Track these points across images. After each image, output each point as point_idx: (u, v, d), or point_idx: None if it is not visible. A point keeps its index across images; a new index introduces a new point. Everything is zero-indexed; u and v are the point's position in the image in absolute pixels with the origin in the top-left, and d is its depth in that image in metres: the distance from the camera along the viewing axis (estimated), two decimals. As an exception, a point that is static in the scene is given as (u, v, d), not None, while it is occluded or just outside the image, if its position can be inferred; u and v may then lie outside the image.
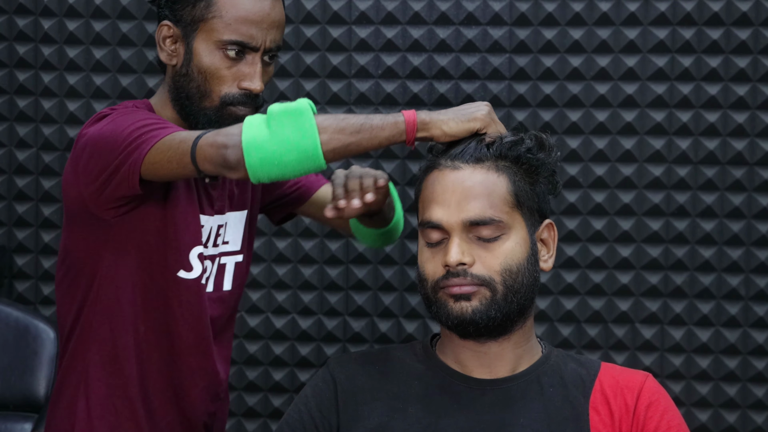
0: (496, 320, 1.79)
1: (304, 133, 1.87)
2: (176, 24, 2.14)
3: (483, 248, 1.79)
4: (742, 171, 3.20)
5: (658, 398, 1.82)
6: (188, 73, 2.13)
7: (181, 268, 2.16)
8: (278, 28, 2.13)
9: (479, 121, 1.88)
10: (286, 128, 1.87)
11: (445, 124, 1.88)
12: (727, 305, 3.21)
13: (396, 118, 1.88)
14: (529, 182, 1.84)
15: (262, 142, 1.87)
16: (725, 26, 3.18)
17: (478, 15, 3.24)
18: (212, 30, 2.10)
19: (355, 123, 1.88)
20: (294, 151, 1.87)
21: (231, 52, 2.09)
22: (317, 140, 1.87)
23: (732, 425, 3.21)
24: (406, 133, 1.88)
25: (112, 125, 2.05)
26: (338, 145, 1.88)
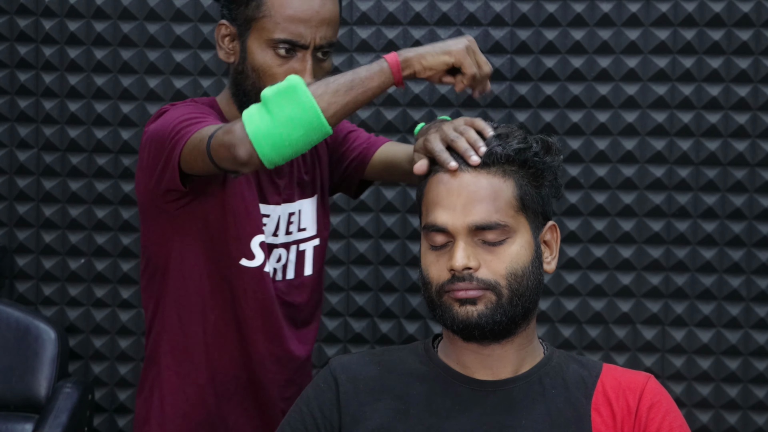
0: (501, 324, 1.78)
1: (303, 107, 1.91)
2: (232, 23, 2.20)
3: (488, 252, 1.78)
4: (744, 172, 3.20)
5: (660, 399, 1.82)
6: (244, 71, 2.19)
7: (243, 257, 2.22)
8: (329, 25, 2.17)
9: (453, 55, 1.97)
10: (285, 107, 1.91)
11: (423, 58, 1.98)
12: (728, 306, 3.21)
13: (381, 65, 1.98)
14: (534, 186, 1.83)
15: (268, 128, 1.91)
16: (726, 27, 3.18)
17: (480, 16, 3.24)
18: (263, 29, 2.15)
19: (345, 82, 1.95)
20: (300, 126, 1.92)
21: (281, 50, 2.15)
22: (318, 110, 1.92)
23: (733, 426, 3.21)
24: (393, 75, 1.97)
25: (162, 121, 2.13)
26: (338, 108, 1.94)
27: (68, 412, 3.00)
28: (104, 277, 3.30)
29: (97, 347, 3.31)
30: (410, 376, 1.86)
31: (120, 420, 3.32)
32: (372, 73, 1.97)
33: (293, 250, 2.32)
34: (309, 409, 1.86)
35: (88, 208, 3.29)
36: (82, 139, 3.28)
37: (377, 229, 3.26)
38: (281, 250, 2.29)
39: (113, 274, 3.30)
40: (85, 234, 3.30)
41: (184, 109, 2.15)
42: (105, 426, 3.32)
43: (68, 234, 3.30)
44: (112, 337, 3.31)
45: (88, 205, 3.29)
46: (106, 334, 3.31)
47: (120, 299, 3.30)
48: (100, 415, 3.32)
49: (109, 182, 3.28)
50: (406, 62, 1.98)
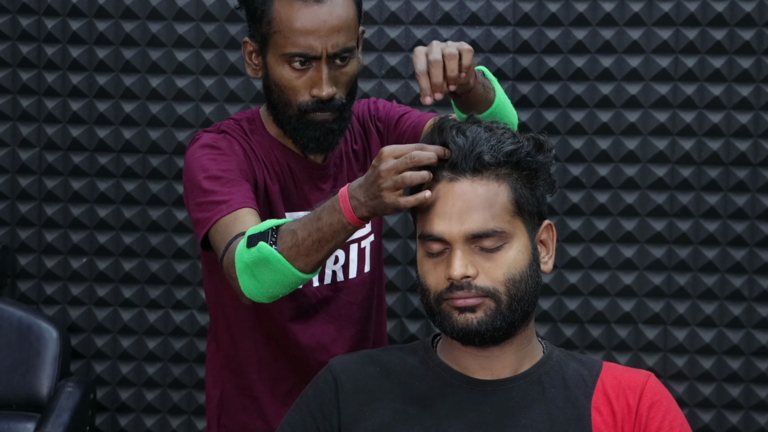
0: (501, 330, 1.78)
1: (282, 273, 1.96)
2: (253, 39, 2.24)
3: (486, 259, 1.78)
4: (746, 172, 3.19)
5: (660, 398, 1.81)
6: (269, 86, 2.23)
7: None
8: (340, 32, 2.16)
9: (390, 206, 1.87)
10: (267, 275, 1.97)
11: (373, 209, 1.90)
12: (730, 306, 3.21)
13: (342, 222, 1.93)
14: (529, 187, 1.82)
15: (258, 290, 2.00)
16: (729, 27, 3.18)
17: (482, 15, 3.24)
18: (276, 45, 2.18)
19: (314, 242, 1.94)
20: (283, 286, 1.99)
21: (296, 63, 2.17)
22: (296, 272, 1.96)
23: (735, 426, 3.20)
24: (344, 215, 1.92)
25: (190, 166, 2.20)
26: (315, 263, 1.97)
27: (70, 411, 3.00)
28: (106, 276, 3.30)
29: (99, 346, 3.31)
30: (410, 375, 1.86)
31: (122, 419, 3.32)
32: (335, 229, 1.93)
33: (354, 249, 2.35)
34: (309, 409, 1.86)
35: (89, 208, 3.29)
36: (84, 138, 3.28)
37: (379, 229, 3.26)
38: (338, 252, 2.32)
39: (115, 273, 3.30)
40: (86, 233, 3.30)
41: (210, 164, 2.17)
42: (107, 425, 3.32)
43: (70, 233, 3.30)
44: (113, 336, 3.31)
45: (89, 205, 3.29)
46: (107, 334, 3.31)
47: (122, 298, 3.30)
48: (101, 414, 3.32)
49: (110, 181, 3.28)
50: (363, 218, 1.92)
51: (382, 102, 2.47)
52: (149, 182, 3.28)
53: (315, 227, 1.94)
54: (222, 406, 2.38)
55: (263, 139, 2.28)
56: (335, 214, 1.92)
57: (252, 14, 2.22)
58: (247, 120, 2.31)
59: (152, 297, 3.30)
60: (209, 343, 2.42)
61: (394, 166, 1.83)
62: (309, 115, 2.19)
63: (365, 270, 2.37)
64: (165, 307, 3.30)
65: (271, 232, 1.96)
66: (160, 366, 3.31)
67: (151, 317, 3.30)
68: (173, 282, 3.29)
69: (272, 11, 2.17)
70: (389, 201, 1.85)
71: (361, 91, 3.21)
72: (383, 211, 1.88)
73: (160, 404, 3.31)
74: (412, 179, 1.81)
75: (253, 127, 2.30)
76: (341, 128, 2.24)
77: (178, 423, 3.30)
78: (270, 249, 1.94)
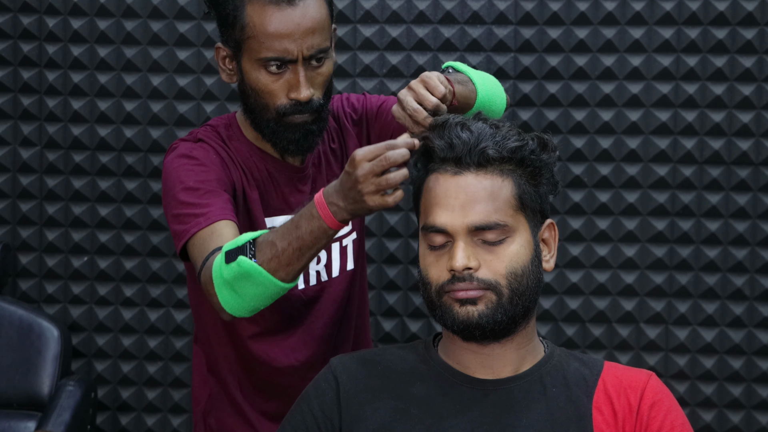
0: (501, 324, 1.78)
1: (264, 285, 1.96)
2: (225, 45, 2.23)
3: (488, 252, 1.78)
4: (748, 171, 3.19)
5: (661, 398, 1.81)
6: (245, 91, 2.22)
7: None
8: (314, 33, 2.15)
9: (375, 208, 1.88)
10: (249, 289, 1.96)
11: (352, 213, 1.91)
12: (732, 305, 3.21)
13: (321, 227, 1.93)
14: (532, 184, 1.83)
15: (239, 305, 1.99)
16: (731, 26, 3.17)
17: (483, 14, 3.24)
18: (251, 50, 2.17)
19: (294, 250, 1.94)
20: (265, 298, 1.99)
21: (272, 67, 2.16)
22: (277, 283, 1.96)
23: (737, 425, 3.20)
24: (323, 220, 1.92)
25: (167, 177, 2.20)
26: (295, 272, 1.97)
27: (71, 410, 3.00)
28: (107, 275, 3.30)
29: (100, 345, 3.31)
30: (411, 375, 1.85)
31: (123, 418, 3.32)
32: (316, 235, 1.93)
33: (335, 248, 2.34)
34: (310, 408, 1.86)
35: (91, 206, 3.29)
36: (85, 136, 3.28)
37: (380, 227, 3.26)
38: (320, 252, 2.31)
39: (116, 272, 3.30)
40: (88, 232, 3.30)
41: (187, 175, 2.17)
42: (108, 424, 3.32)
43: (71, 232, 3.30)
44: (115, 335, 3.31)
45: (91, 203, 3.29)
46: (109, 332, 3.31)
47: (123, 297, 3.30)
48: (102, 413, 3.31)
49: (112, 180, 3.28)
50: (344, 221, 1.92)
51: (354, 96, 2.46)
52: (150, 181, 3.27)
53: (294, 236, 1.94)
54: (209, 409, 2.38)
55: (241, 145, 2.28)
56: (314, 221, 1.92)
57: (223, 20, 2.21)
58: (224, 126, 2.30)
59: (153, 296, 3.29)
60: (194, 345, 2.43)
61: (371, 170, 1.84)
62: (287, 117, 2.19)
63: (348, 268, 2.37)
64: (166, 305, 3.30)
65: (249, 245, 1.96)
66: (161, 365, 3.31)
67: (152, 316, 3.30)
68: (174, 281, 3.29)
69: (245, 16, 2.15)
70: (374, 203, 1.86)
71: (361, 90, 3.21)
72: (366, 213, 1.90)
73: (161, 403, 3.31)
74: (395, 180, 1.83)
75: (231, 133, 2.29)
76: (320, 129, 2.24)
77: (179, 422, 3.30)
78: (250, 263, 1.94)
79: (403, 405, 1.82)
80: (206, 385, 2.39)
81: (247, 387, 2.34)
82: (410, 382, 1.85)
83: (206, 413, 2.38)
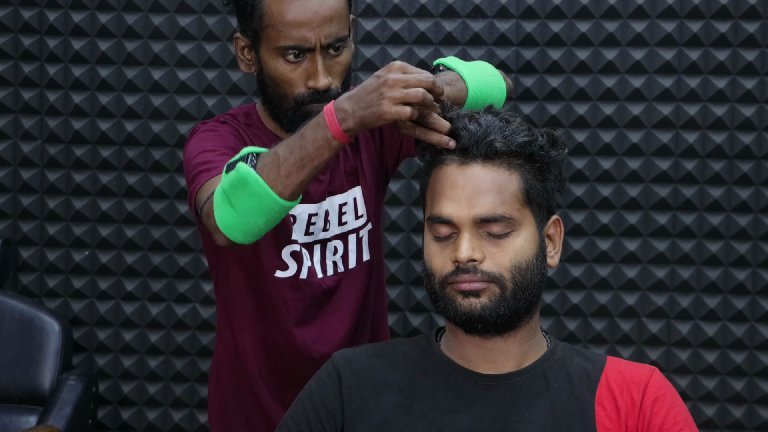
0: (504, 317, 1.78)
1: (260, 197, 1.92)
2: (244, 35, 2.24)
3: (493, 244, 1.78)
4: (750, 165, 3.19)
5: (664, 393, 1.81)
6: (264, 80, 2.23)
7: (276, 269, 2.26)
8: (332, 21, 2.16)
9: (386, 114, 1.85)
10: (244, 200, 1.93)
11: (363, 119, 1.87)
12: (734, 300, 3.21)
13: (326, 136, 1.90)
14: (540, 180, 1.82)
15: (233, 220, 1.95)
16: (733, 19, 3.17)
17: (485, 8, 3.23)
18: (269, 38, 2.17)
19: (295, 161, 1.91)
20: (261, 214, 1.94)
21: (290, 56, 2.16)
22: (274, 196, 1.92)
23: (738, 420, 3.20)
24: (340, 141, 1.89)
25: (188, 150, 2.20)
26: (293, 187, 1.93)
27: (72, 405, 3.00)
28: (108, 269, 3.30)
29: (101, 339, 3.31)
30: (413, 370, 1.85)
31: (124, 412, 3.32)
32: (319, 145, 1.90)
33: (352, 240, 2.34)
34: (312, 403, 1.85)
35: (92, 200, 3.29)
36: (86, 130, 3.27)
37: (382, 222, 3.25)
38: (336, 242, 2.32)
39: (117, 266, 3.30)
40: (89, 226, 3.29)
41: (206, 142, 2.18)
42: (109, 418, 3.32)
43: (72, 226, 3.30)
44: (116, 329, 3.31)
45: (92, 197, 3.28)
46: (110, 327, 3.31)
47: (124, 291, 3.30)
48: (104, 407, 3.31)
49: (113, 174, 3.28)
50: (349, 130, 1.89)
51: None
52: (151, 175, 3.27)
53: (297, 145, 1.91)
54: (223, 401, 2.39)
55: (261, 133, 2.28)
56: (319, 129, 1.90)
57: (242, 9, 2.21)
58: (244, 114, 2.32)
59: (154, 290, 3.29)
60: (216, 338, 2.43)
61: (404, 79, 1.83)
62: (306, 106, 2.18)
63: (364, 259, 2.37)
64: (167, 300, 3.30)
65: (251, 156, 1.94)
66: (163, 359, 3.31)
67: (154, 310, 3.30)
68: (175, 275, 3.29)
69: (263, 5, 2.16)
70: (390, 110, 1.83)
71: (363, 84, 3.21)
72: (372, 122, 1.86)
73: (163, 397, 3.31)
74: (424, 97, 1.82)
75: (250, 121, 2.30)
76: None
77: (181, 416, 3.30)
78: (248, 168, 1.91)
79: (406, 400, 1.81)
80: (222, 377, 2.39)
81: (266, 376, 2.34)
82: (413, 376, 1.84)
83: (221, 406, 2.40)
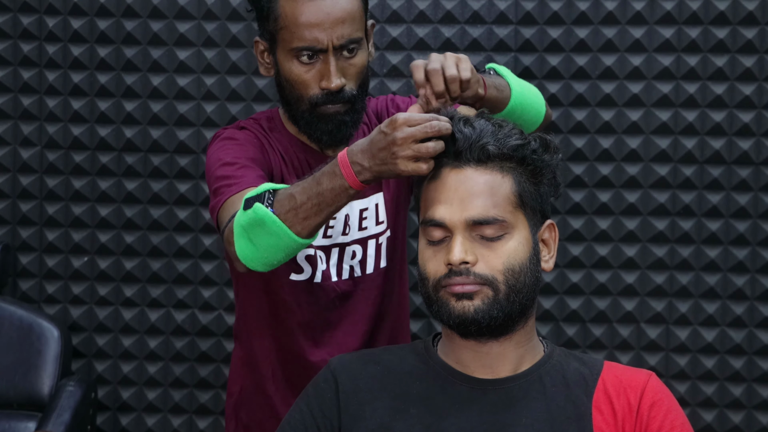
0: (497, 320, 1.78)
1: (278, 236, 1.95)
2: (263, 38, 2.26)
3: (486, 247, 1.78)
4: (748, 171, 3.19)
5: (661, 397, 1.81)
6: (281, 83, 2.25)
7: (291, 272, 2.27)
8: (344, 23, 2.18)
9: (404, 173, 1.86)
10: (263, 238, 1.96)
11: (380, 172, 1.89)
12: (732, 305, 3.21)
13: (343, 185, 1.92)
14: (533, 183, 1.83)
15: (253, 254, 1.99)
16: (731, 25, 3.17)
17: (484, 14, 3.23)
18: (284, 40, 2.20)
19: (312, 206, 1.94)
20: (280, 251, 1.98)
21: (304, 57, 2.19)
22: (292, 236, 1.95)
23: (737, 425, 3.20)
24: (345, 179, 1.91)
25: (209, 161, 2.22)
26: (311, 229, 1.96)
27: (71, 410, 3.00)
28: (107, 275, 3.30)
29: (100, 345, 3.31)
30: (410, 375, 1.85)
31: (123, 418, 3.32)
32: (337, 193, 1.93)
33: (371, 245, 2.35)
34: (309, 408, 1.85)
35: (91, 206, 3.29)
36: (85, 136, 3.28)
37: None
38: (355, 247, 2.33)
39: (116, 272, 3.30)
40: (88, 232, 3.30)
41: (226, 152, 2.20)
42: (108, 424, 3.32)
43: (71, 232, 3.30)
44: (115, 335, 3.31)
45: (91, 203, 3.29)
46: (109, 332, 3.31)
47: (123, 297, 3.30)
48: (103, 413, 3.31)
49: (112, 180, 3.28)
50: (366, 181, 1.91)
51: (400, 98, 2.48)
52: (150, 181, 3.27)
53: (315, 192, 1.93)
54: (241, 402, 2.40)
55: (282, 137, 2.30)
56: (336, 179, 1.92)
57: (260, 13, 2.24)
58: (267, 119, 2.34)
59: (153, 296, 3.29)
60: (234, 340, 2.45)
61: (412, 134, 1.84)
62: (320, 108, 2.20)
63: (381, 266, 2.37)
64: (166, 306, 3.30)
65: (268, 194, 1.96)
66: (162, 365, 3.31)
67: (153, 316, 3.30)
68: (174, 281, 3.29)
69: (278, 8, 2.19)
70: (407, 168, 1.84)
71: (362, 90, 3.21)
72: (389, 176, 1.89)
73: (162, 403, 3.31)
74: (434, 149, 1.82)
75: (273, 125, 2.32)
76: (354, 120, 2.25)
77: (180, 422, 3.30)
78: (265, 210, 1.94)
79: (402, 404, 1.82)
80: (239, 378, 2.40)
81: (279, 380, 2.35)
82: (409, 381, 1.84)
83: (238, 406, 2.41)
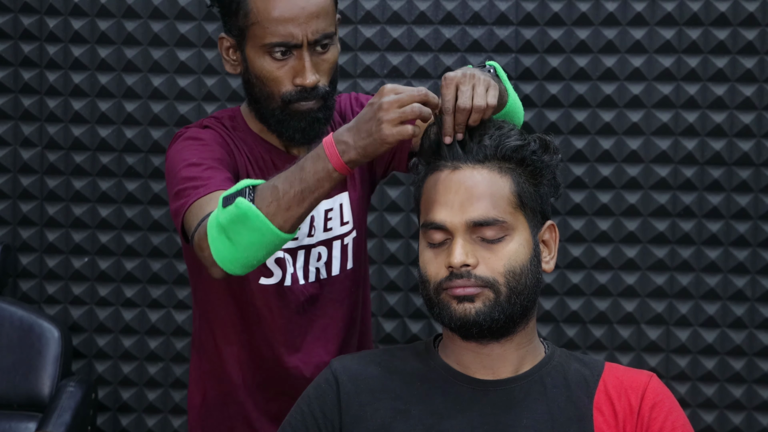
0: (499, 322, 1.78)
1: (260, 231, 1.90)
2: (229, 34, 2.21)
3: (486, 249, 1.78)
4: (749, 172, 3.19)
5: (662, 399, 1.81)
6: (249, 80, 2.20)
7: (261, 276, 2.23)
8: (318, 17, 2.14)
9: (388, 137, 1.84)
10: (244, 235, 1.90)
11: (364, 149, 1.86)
12: (733, 306, 3.21)
13: (326, 168, 1.88)
14: (533, 184, 1.83)
15: (232, 255, 1.92)
16: (732, 26, 3.17)
17: (484, 15, 3.23)
18: (255, 36, 2.15)
19: (295, 194, 1.89)
20: (261, 248, 1.92)
21: (277, 53, 2.14)
22: (275, 230, 1.90)
23: (738, 426, 3.20)
24: (329, 160, 1.88)
25: (171, 160, 2.15)
26: (294, 220, 1.91)
27: (71, 411, 3.00)
28: (108, 275, 3.30)
29: (101, 346, 3.31)
30: (411, 376, 1.85)
31: (123, 419, 3.32)
32: (320, 177, 1.89)
33: (337, 246, 2.32)
34: (310, 409, 1.85)
35: (91, 207, 3.29)
36: (86, 137, 3.28)
37: (381, 229, 3.26)
38: (320, 248, 2.30)
39: (117, 272, 3.30)
40: (88, 233, 3.30)
41: (191, 153, 2.14)
42: (108, 425, 3.32)
43: (72, 232, 3.30)
44: (115, 335, 3.31)
45: (91, 204, 3.29)
46: (109, 333, 3.31)
47: (124, 298, 3.30)
48: (103, 413, 3.31)
49: (112, 181, 3.28)
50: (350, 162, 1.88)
51: (364, 96, 2.44)
52: (151, 182, 3.27)
53: (297, 178, 1.89)
54: (206, 413, 2.36)
55: (246, 136, 2.26)
56: (320, 162, 1.88)
57: (227, 8, 2.19)
58: (229, 117, 2.28)
59: (154, 296, 3.29)
60: (192, 353, 2.40)
61: (397, 99, 1.82)
62: (293, 105, 2.16)
63: (348, 267, 2.34)
64: (167, 306, 3.30)
65: (248, 190, 1.92)
66: (162, 366, 3.30)
67: (153, 317, 3.30)
68: (175, 281, 3.29)
69: (248, 3, 2.14)
70: (391, 133, 1.82)
71: (362, 90, 3.21)
72: (376, 149, 1.85)
73: (162, 404, 3.31)
74: (421, 111, 1.81)
75: (235, 124, 2.27)
76: (326, 117, 2.21)
77: (180, 423, 3.30)
78: (248, 204, 1.89)
79: (404, 405, 1.82)
80: (201, 390, 2.36)
81: (251, 385, 2.32)
82: (410, 382, 1.84)
83: (203, 418, 2.36)
